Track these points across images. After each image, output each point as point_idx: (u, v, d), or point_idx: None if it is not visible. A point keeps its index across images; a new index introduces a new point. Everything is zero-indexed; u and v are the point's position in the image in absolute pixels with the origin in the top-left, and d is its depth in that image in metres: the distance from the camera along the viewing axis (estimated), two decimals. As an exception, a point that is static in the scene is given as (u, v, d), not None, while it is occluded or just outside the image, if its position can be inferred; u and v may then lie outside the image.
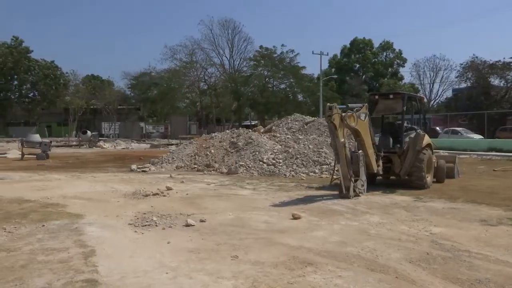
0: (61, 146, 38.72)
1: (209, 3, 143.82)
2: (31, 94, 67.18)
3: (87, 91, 65.14)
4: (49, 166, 19.21)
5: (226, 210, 8.60)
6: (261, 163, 15.88)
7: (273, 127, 22.28)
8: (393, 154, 11.92)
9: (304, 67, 62.36)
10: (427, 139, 12.02)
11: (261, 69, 61.79)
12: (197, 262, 5.27)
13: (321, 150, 16.51)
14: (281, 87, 63.21)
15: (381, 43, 72.04)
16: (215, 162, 17.02)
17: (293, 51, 60.31)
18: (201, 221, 7.50)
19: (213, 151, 18.08)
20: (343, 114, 10.06)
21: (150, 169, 17.19)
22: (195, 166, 17.20)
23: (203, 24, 68.92)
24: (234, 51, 63.90)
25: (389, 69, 72.02)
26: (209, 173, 15.84)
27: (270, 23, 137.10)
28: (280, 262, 5.26)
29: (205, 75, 65.53)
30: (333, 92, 59.38)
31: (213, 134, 20.99)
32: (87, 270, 4.93)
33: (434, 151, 13.03)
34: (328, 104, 10.23)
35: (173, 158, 18.52)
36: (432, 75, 64.96)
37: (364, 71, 71.67)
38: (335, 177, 11.81)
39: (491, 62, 43.42)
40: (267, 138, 18.83)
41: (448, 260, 5.37)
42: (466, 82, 47.61)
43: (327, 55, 59.38)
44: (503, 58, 43.22)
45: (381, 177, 12.48)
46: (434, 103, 65.24)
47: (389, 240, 6.30)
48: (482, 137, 32.54)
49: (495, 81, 45.25)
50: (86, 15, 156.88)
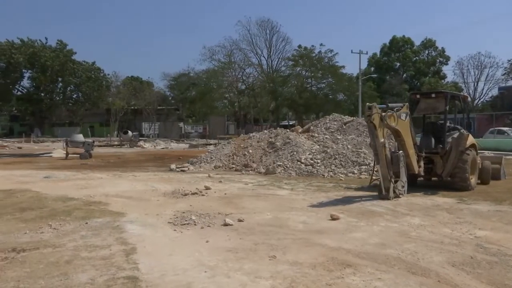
0: (103, 145, 39.78)
1: (247, 3, 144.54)
2: (75, 95, 69.34)
3: (128, 92, 66.65)
4: (91, 165, 19.77)
5: (264, 210, 8.61)
6: (299, 163, 15.81)
7: (311, 127, 22.13)
8: (435, 155, 11.61)
9: (343, 66, 61.77)
10: (471, 139, 11.65)
11: (299, 69, 61.53)
12: (235, 261, 5.30)
13: (360, 150, 16.28)
14: (320, 86, 62.74)
15: (422, 41, 70.40)
16: (253, 162, 17.06)
17: (331, 51, 59.78)
18: (239, 220, 7.54)
19: (251, 151, 18.14)
20: (383, 113, 9.88)
21: (189, 168, 17.41)
22: (233, 166, 17.30)
23: (240, 24, 69.06)
24: (272, 51, 63.91)
25: (431, 67, 70.14)
26: (247, 173, 15.90)
27: (309, 23, 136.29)
28: (319, 263, 5.21)
29: (243, 75, 65.84)
30: (372, 92, 58.44)
31: (251, 134, 21.07)
32: (128, 267, 5.04)
33: (478, 151, 12.62)
34: (367, 103, 10.08)
35: (211, 158, 18.70)
36: (476, 73, 62.93)
37: (404, 70, 70.19)
38: (374, 177, 11.62)
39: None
40: (305, 138, 18.73)
41: (494, 265, 5.18)
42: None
43: (366, 54, 58.60)
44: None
45: (422, 178, 12.18)
46: (478, 102, 63.22)
47: (430, 242, 6.14)
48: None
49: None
50: (126, 17, 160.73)
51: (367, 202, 9.46)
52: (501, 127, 35.18)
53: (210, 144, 38.90)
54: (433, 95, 12.51)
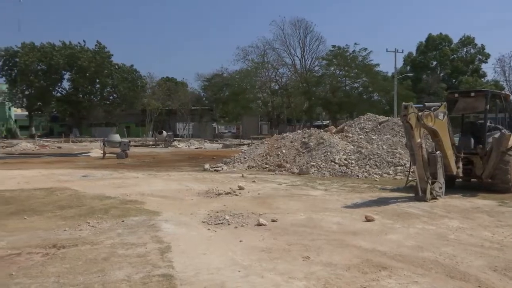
0: (139, 145, 40.53)
1: (281, 3, 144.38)
2: (112, 96, 70.91)
3: (162, 93, 67.67)
4: (128, 165, 20.16)
5: (298, 211, 8.57)
6: (333, 163, 15.67)
7: (345, 127, 21.88)
8: (474, 156, 11.26)
9: (378, 64, 60.78)
10: (513, 139, 11.23)
11: (333, 68, 61.01)
12: (269, 261, 5.28)
13: (395, 150, 15.98)
14: (354, 86, 62.01)
15: (460, 38, 68.38)
16: (287, 162, 17.01)
17: (366, 49, 59.01)
18: (273, 220, 7.52)
19: (284, 151, 18.10)
20: (420, 113, 9.67)
21: (222, 168, 17.52)
22: (267, 166, 17.30)
23: (274, 24, 69.14)
24: (305, 50, 63.64)
25: (470, 65, 68.03)
26: (280, 173, 15.87)
27: (343, 22, 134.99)
28: (353, 264, 5.14)
29: (277, 76, 65.82)
30: (408, 91, 57.23)
31: (284, 134, 21.01)
32: (163, 265, 5.10)
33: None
34: (403, 103, 9.90)
35: (244, 158, 18.76)
36: (519, 71, 60.59)
37: (441, 69, 68.43)
38: (410, 178, 11.37)
39: None
40: (339, 138, 18.54)
41: (538, 270, 4.98)
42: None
43: (402, 52, 57.40)
44: None
45: (461, 179, 11.84)
46: (521, 101, 60.87)
47: (470, 246, 5.96)
48: None
49: None
50: (161, 19, 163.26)
51: (403, 204, 9.28)
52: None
53: (244, 144, 39.03)
54: (472, 94, 12.14)
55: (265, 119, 70.37)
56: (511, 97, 12.62)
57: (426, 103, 10.62)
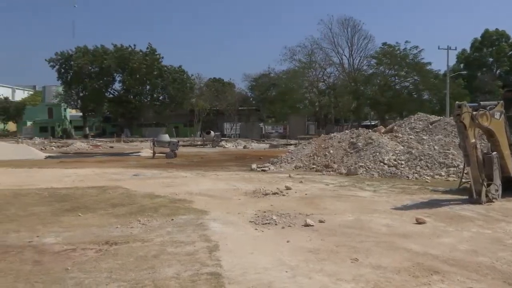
0: (187, 145, 41.23)
1: (330, 3, 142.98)
2: (161, 97, 72.58)
3: (210, 93, 68.59)
4: (176, 164, 20.55)
5: (346, 212, 8.45)
6: (381, 164, 15.34)
7: (395, 127, 21.37)
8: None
9: (430, 63, 58.94)
10: None
11: (382, 67, 59.78)
12: (316, 262, 5.24)
13: (447, 151, 15.44)
14: (404, 85, 60.46)
15: (519, 34, 65.25)
16: (334, 163, 16.82)
17: (417, 47, 57.41)
18: (320, 221, 7.45)
19: (332, 151, 17.90)
20: (474, 112, 9.30)
21: (269, 168, 17.54)
22: (314, 166, 17.17)
23: (322, 23, 68.59)
24: (353, 49, 62.77)
25: (530, 62, 64.73)
26: (328, 173, 15.70)
27: (393, 20, 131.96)
28: (403, 268, 5.01)
29: (324, 75, 65.29)
30: (461, 90, 55.20)
31: (332, 134, 20.78)
32: (211, 264, 5.16)
33: None
34: (457, 102, 9.55)
35: (291, 158, 18.70)
36: None
37: (498, 66, 65.54)
38: (464, 180, 10.96)
39: None
40: (388, 138, 18.13)
41: None
42: None
43: (455, 49, 55.47)
44: None
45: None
46: None
47: (529, 252, 5.67)
48: None
49: None
50: (209, 21, 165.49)
51: (456, 206, 8.94)
52: None
53: (291, 144, 38.93)
54: None
55: (312, 119, 69.91)
56: None
57: (481, 102, 10.19)
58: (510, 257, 5.40)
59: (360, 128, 22.39)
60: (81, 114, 74.09)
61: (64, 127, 74.09)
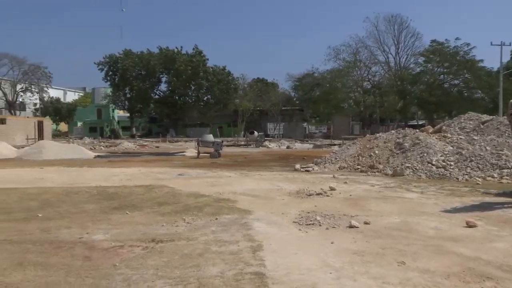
0: (231, 145, 41.62)
1: (376, 1, 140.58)
2: (206, 98, 73.60)
3: (254, 93, 68.94)
4: (220, 164, 20.76)
5: (392, 213, 8.26)
6: (429, 165, 14.90)
7: (444, 127, 20.72)
8: None
9: (481, 60, 56.70)
10: None
11: (431, 65, 58.10)
12: (361, 264, 5.14)
13: (501, 152, 14.80)
14: (454, 83, 58.48)
15: None
16: (379, 163, 16.49)
17: (468, 44, 55.39)
18: (365, 223, 7.32)
19: (377, 151, 17.57)
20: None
21: (313, 169, 17.41)
22: (358, 167, 16.90)
23: (368, 21, 67.38)
24: (400, 47, 61.37)
25: None
26: (373, 174, 15.41)
27: (442, 16, 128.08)
28: (453, 272, 4.83)
29: (369, 74, 64.22)
30: (515, 87, 52.84)
31: (377, 134, 20.40)
32: (255, 263, 5.16)
33: None
34: (510, 101, 9.14)
35: (336, 159, 18.49)
36: None
37: (559, 61, 62.26)
38: (518, 182, 10.49)
39: None
40: (436, 138, 17.60)
41: None
42: None
43: (510, 45, 53.09)
44: None
45: None
46: None
47: None
48: None
49: None
50: (253, 22, 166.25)
51: (510, 210, 8.54)
52: None
53: (335, 145, 38.52)
54: None
55: (357, 119, 68.94)
56: None
57: (537, 101, 9.72)
58: None
59: (406, 128, 21.88)
60: (128, 114, 76.29)
61: (112, 127, 76.49)
